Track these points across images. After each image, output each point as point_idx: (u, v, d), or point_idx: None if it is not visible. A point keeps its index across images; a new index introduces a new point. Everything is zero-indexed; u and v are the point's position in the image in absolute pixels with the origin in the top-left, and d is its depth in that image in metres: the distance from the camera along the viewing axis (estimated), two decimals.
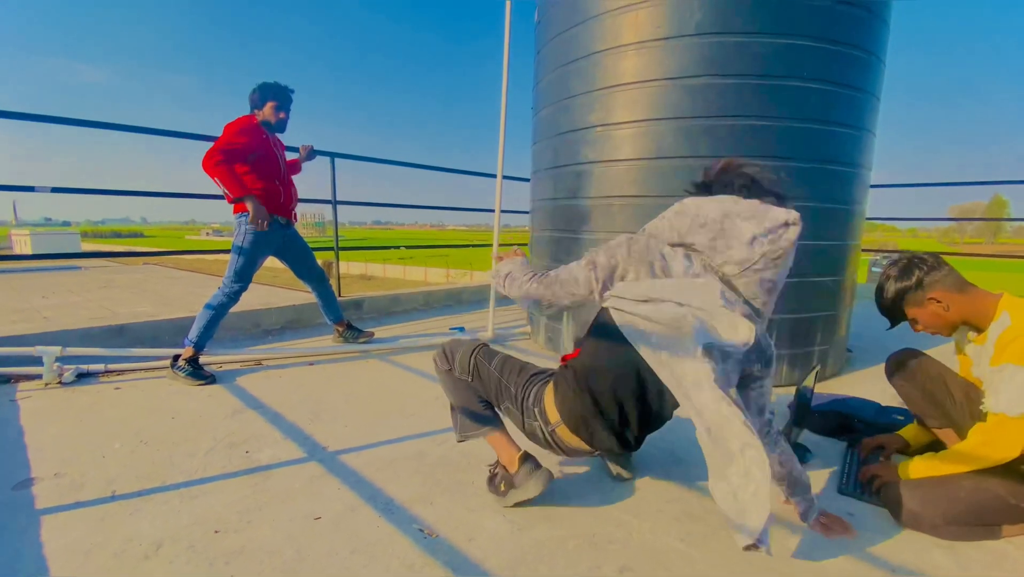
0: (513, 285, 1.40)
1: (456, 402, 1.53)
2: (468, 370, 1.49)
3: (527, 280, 1.37)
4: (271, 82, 2.76)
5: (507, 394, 1.45)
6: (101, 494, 1.51)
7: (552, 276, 1.34)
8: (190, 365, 2.51)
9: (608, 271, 1.28)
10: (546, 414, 1.37)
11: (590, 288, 1.29)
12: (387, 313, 4.35)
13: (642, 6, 2.45)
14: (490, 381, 1.48)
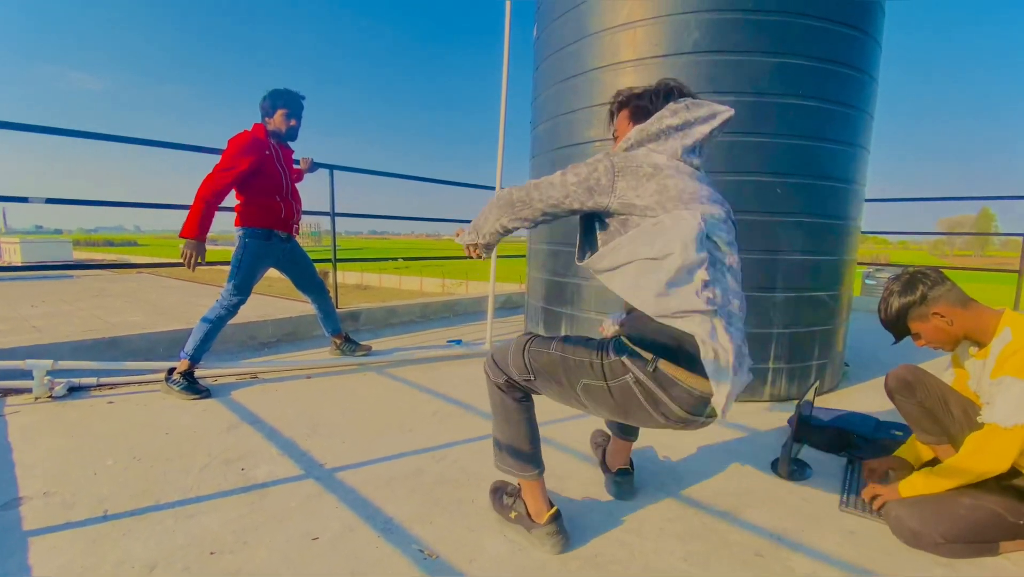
0: (485, 214, 1.37)
1: (503, 437, 1.41)
2: (527, 368, 1.34)
3: (496, 200, 1.34)
4: (281, 89, 2.75)
5: (581, 368, 1.28)
6: (92, 514, 1.48)
7: (528, 183, 1.30)
8: (185, 379, 2.48)
9: (587, 179, 1.23)
10: (640, 355, 1.22)
11: (566, 192, 1.24)
12: (384, 325, 4.33)
13: (640, 24, 2.48)
14: (555, 366, 1.31)
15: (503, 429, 1.41)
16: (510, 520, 1.42)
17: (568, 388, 1.31)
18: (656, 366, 1.19)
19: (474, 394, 2.61)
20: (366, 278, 21.13)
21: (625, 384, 1.23)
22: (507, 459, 1.40)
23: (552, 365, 1.32)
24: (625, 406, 1.25)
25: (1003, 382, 1.33)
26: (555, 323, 3.11)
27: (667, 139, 1.27)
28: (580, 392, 1.30)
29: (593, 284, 2.84)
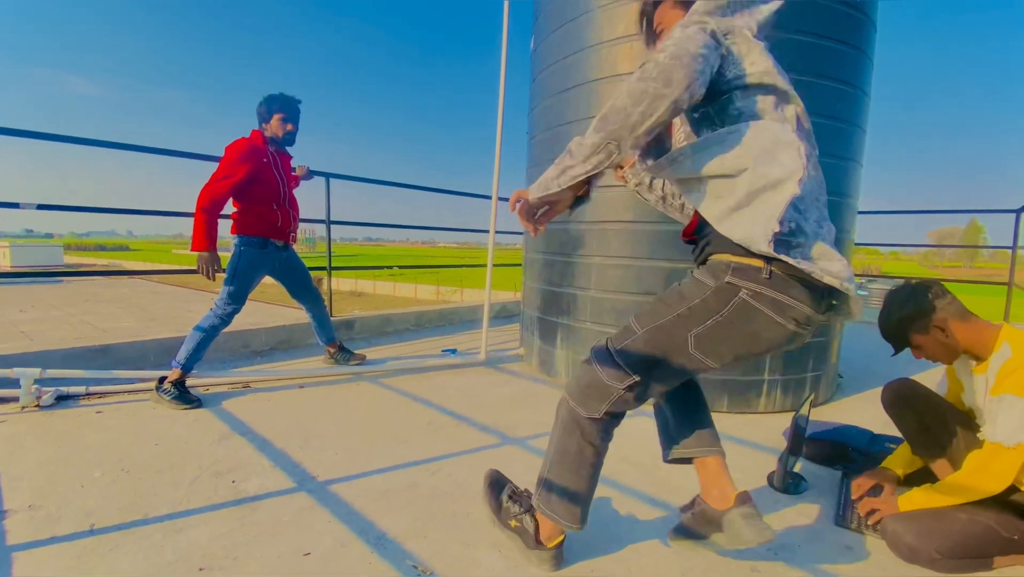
0: (577, 148, 1.02)
1: (562, 482, 1.24)
2: (625, 371, 1.15)
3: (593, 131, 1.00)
4: (277, 94, 2.74)
5: (682, 321, 1.11)
6: (79, 528, 1.45)
7: (641, 74, 0.97)
8: (176, 388, 2.44)
9: (700, 42, 0.99)
10: (746, 266, 1.06)
11: (704, 51, 0.98)
12: (378, 333, 4.31)
13: (638, 37, 2.50)
14: (655, 342, 1.13)
15: (565, 475, 1.24)
16: (508, 527, 1.34)
17: (681, 354, 1.12)
18: (771, 270, 1.03)
19: (468, 405, 2.59)
20: (360, 285, 21.05)
21: (742, 304, 1.06)
22: (557, 505, 1.24)
23: (651, 343, 1.13)
24: (751, 329, 1.08)
25: (1004, 400, 1.33)
26: (550, 333, 3.10)
27: (738, 14, 1.10)
28: (695, 350, 1.11)
29: (589, 294, 2.84)
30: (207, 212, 2.49)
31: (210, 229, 2.51)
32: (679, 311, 1.11)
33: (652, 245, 2.59)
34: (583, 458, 1.24)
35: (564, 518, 1.24)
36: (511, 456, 2.00)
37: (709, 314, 1.09)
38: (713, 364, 1.14)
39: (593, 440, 1.23)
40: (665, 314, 1.13)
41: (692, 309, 1.10)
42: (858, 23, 2.60)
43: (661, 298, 1.18)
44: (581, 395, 1.22)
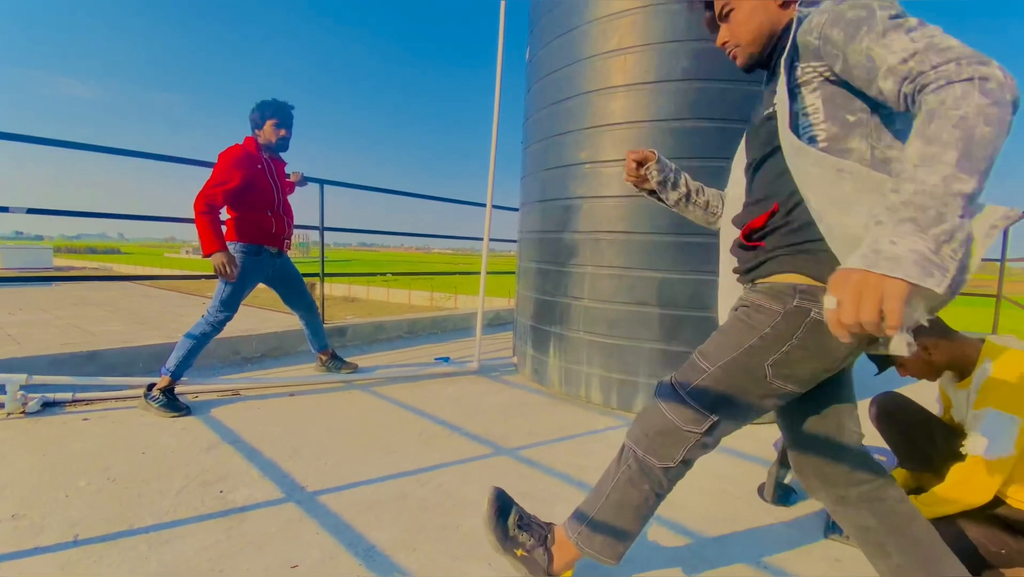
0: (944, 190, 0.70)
1: (610, 521, 1.16)
2: (701, 413, 1.05)
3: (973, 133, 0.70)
4: (270, 100, 2.74)
5: (757, 352, 1.01)
6: (63, 538, 1.43)
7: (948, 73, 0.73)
8: (165, 395, 2.42)
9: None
10: (811, 287, 0.97)
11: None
12: (371, 341, 4.29)
13: (631, 51, 2.53)
14: (732, 376, 1.04)
15: (620, 520, 1.15)
16: (513, 555, 1.23)
17: (761, 386, 1.02)
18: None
19: (461, 414, 2.58)
20: (354, 290, 20.97)
21: (813, 323, 0.96)
22: (600, 544, 1.16)
23: (726, 379, 1.04)
24: (825, 346, 0.98)
25: (986, 414, 1.35)
26: (544, 342, 3.10)
27: None
28: (775, 379, 1.01)
29: (582, 303, 2.84)
30: (207, 215, 2.48)
31: (215, 228, 2.50)
32: (750, 342, 1.02)
33: (645, 256, 2.61)
34: (647, 506, 1.14)
35: (604, 555, 1.17)
36: (504, 467, 1.99)
37: (783, 341, 1.00)
38: (797, 389, 1.03)
39: (662, 489, 1.12)
40: (735, 347, 1.04)
41: (764, 338, 1.01)
42: None
43: (724, 331, 1.08)
44: (653, 443, 1.10)
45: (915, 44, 0.77)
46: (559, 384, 3.02)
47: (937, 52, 0.74)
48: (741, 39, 1.07)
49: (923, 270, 0.68)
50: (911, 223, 0.70)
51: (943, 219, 0.68)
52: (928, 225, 0.69)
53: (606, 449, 2.21)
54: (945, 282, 0.68)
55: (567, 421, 2.56)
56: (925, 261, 0.68)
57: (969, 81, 0.70)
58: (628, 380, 2.70)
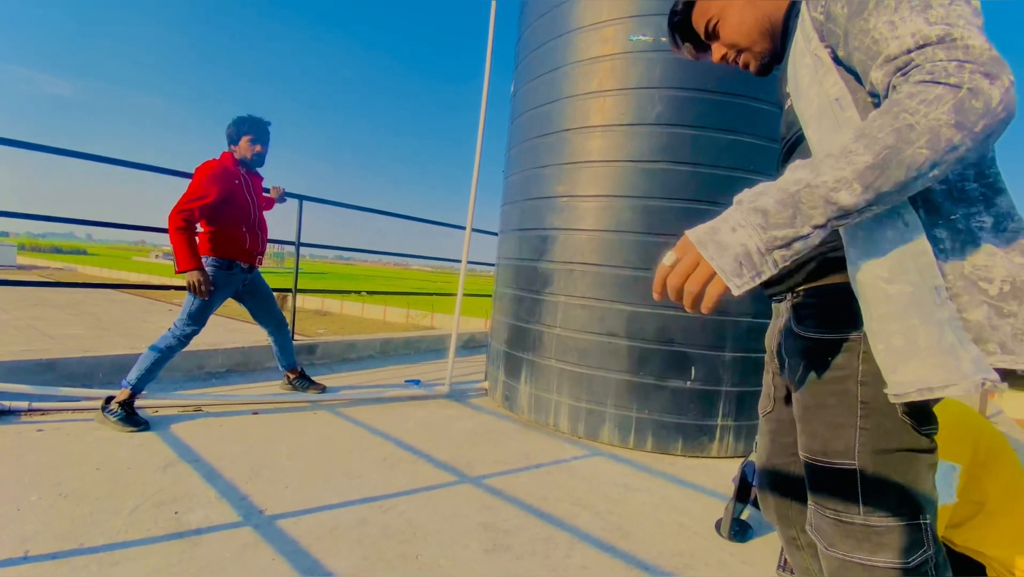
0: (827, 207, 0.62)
1: None
2: (909, 509, 0.76)
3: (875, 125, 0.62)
4: (246, 115, 2.76)
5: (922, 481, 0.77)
6: (13, 553, 1.39)
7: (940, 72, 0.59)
8: (123, 409, 2.36)
9: None
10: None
11: None
12: (341, 359, 4.25)
13: (609, 94, 2.65)
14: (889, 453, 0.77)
15: None
16: None
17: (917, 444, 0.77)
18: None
19: (428, 439, 2.58)
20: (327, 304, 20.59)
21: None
22: None
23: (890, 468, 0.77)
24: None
25: None
26: (515, 368, 3.14)
27: None
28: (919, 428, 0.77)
29: (555, 332, 2.90)
30: (184, 232, 2.47)
31: (191, 246, 2.49)
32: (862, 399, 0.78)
33: (616, 288, 2.68)
34: None
35: None
36: (468, 496, 2.00)
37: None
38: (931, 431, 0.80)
39: None
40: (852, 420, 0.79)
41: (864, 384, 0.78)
42: None
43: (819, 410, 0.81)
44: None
45: (930, 30, 0.61)
46: (529, 411, 3.04)
47: (949, 48, 0.60)
48: (741, 42, 0.93)
49: (737, 268, 0.64)
50: (760, 215, 0.64)
51: (793, 222, 0.63)
52: (774, 225, 0.63)
53: (571, 480, 2.24)
54: (748, 285, 0.64)
55: (534, 449, 2.58)
56: (747, 259, 0.64)
57: (955, 88, 0.58)
58: (596, 410, 2.75)
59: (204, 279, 2.50)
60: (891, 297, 0.68)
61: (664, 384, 2.63)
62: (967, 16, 0.62)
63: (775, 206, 0.63)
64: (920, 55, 0.62)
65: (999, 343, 0.66)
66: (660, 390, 2.64)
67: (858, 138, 0.62)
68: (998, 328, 0.67)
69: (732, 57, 0.97)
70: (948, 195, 0.70)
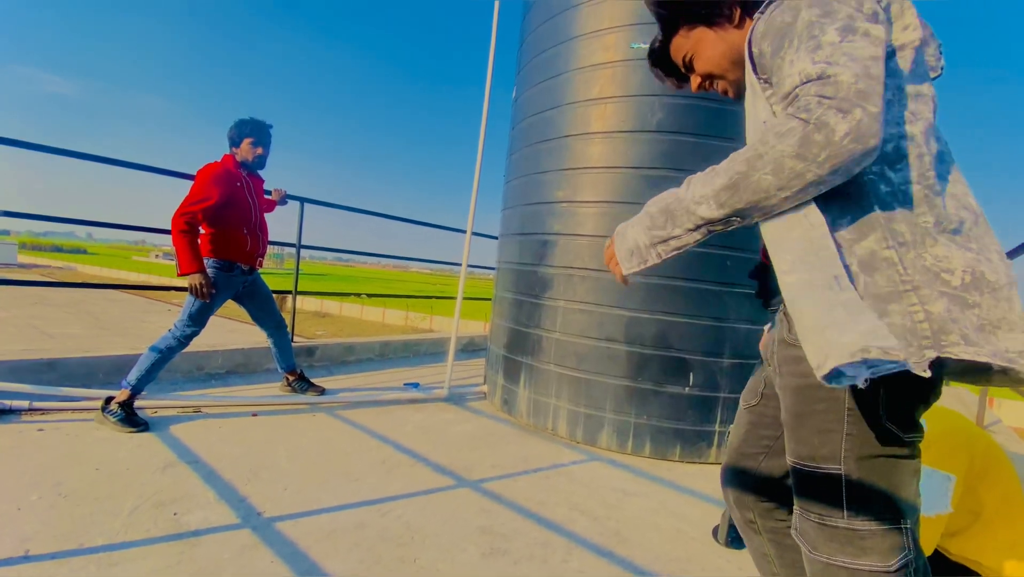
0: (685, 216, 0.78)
1: None
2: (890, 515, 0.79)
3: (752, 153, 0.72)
4: (248, 118, 2.78)
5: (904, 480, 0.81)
6: (13, 553, 1.39)
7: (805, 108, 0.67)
8: (123, 409, 2.37)
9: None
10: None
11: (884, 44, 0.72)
12: (340, 362, 4.26)
13: (610, 101, 2.67)
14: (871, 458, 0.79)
15: None
16: None
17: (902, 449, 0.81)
18: None
19: (426, 442, 2.59)
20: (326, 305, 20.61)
21: None
22: None
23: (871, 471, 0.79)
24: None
25: (922, 472, 1.44)
26: (514, 372, 3.14)
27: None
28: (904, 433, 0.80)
29: (554, 336, 2.91)
30: (187, 234, 2.49)
31: (194, 249, 2.51)
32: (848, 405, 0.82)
33: (615, 294, 2.70)
34: None
35: None
36: (465, 500, 2.01)
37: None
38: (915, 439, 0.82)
39: None
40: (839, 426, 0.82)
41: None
42: None
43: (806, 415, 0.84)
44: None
45: (814, 67, 0.69)
46: (527, 415, 3.05)
47: (821, 83, 0.67)
48: (714, 72, 0.99)
49: (629, 256, 0.86)
50: (648, 218, 0.84)
51: (667, 226, 0.81)
52: (655, 227, 0.82)
53: (569, 484, 2.24)
54: (637, 267, 0.85)
55: (532, 453, 2.59)
56: (636, 249, 0.85)
57: (805, 123, 0.66)
58: (594, 415, 2.76)
59: (206, 282, 2.52)
60: (787, 285, 0.75)
61: (662, 389, 2.64)
62: (855, 52, 0.68)
63: (657, 213, 0.82)
64: (800, 90, 0.70)
65: (961, 335, 0.68)
66: (658, 395, 2.65)
67: (725, 162, 0.75)
68: (959, 320, 0.69)
69: (708, 86, 1.04)
70: (895, 195, 0.75)
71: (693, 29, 0.99)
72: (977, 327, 0.70)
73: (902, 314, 0.70)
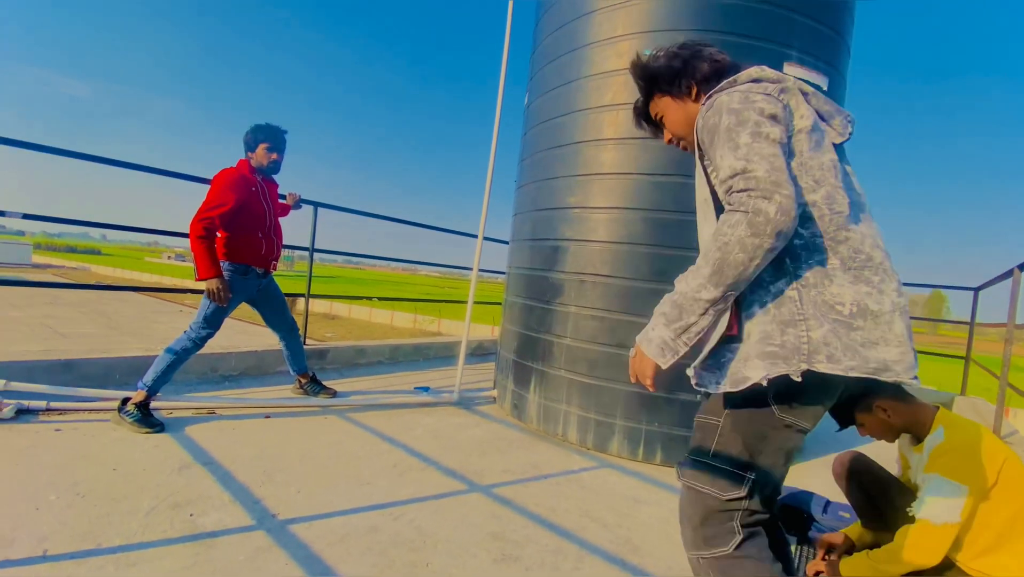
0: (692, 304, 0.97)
1: None
2: (739, 464, 1.06)
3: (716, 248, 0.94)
4: (263, 124, 2.82)
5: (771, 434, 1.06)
6: (32, 553, 1.41)
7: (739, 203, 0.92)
8: (139, 410, 2.40)
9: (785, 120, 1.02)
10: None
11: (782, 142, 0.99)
12: (351, 364, 4.28)
13: (623, 107, 2.67)
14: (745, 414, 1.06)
15: None
16: None
17: (774, 427, 1.06)
18: None
19: (437, 447, 2.60)
20: (335, 308, 20.78)
21: None
22: None
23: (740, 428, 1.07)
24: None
25: (932, 480, 1.42)
26: (525, 377, 3.14)
27: None
28: (783, 414, 1.05)
29: (564, 342, 2.91)
30: (205, 240, 2.52)
31: (211, 254, 2.55)
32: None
33: (626, 300, 2.69)
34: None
35: None
36: (477, 505, 2.01)
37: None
38: (808, 425, 1.08)
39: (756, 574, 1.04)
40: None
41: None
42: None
43: None
44: (705, 537, 1.06)
45: (738, 163, 0.95)
46: (537, 421, 3.05)
47: (745, 179, 0.93)
48: (677, 133, 1.28)
49: (660, 352, 1.01)
50: (663, 317, 1.01)
51: (682, 317, 0.98)
52: (672, 321, 0.99)
53: (580, 491, 2.24)
54: (671, 359, 1.00)
55: (543, 460, 2.59)
56: (664, 345, 1.00)
57: (745, 213, 0.91)
58: (605, 421, 2.75)
59: (223, 286, 2.55)
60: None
61: (674, 397, 2.63)
62: (761, 150, 0.94)
63: (670, 309, 1.00)
64: (731, 181, 0.95)
65: (827, 355, 0.96)
66: (670, 403, 2.64)
67: (703, 256, 0.97)
68: (831, 343, 0.96)
69: (675, 142, 1.31)
70: (805, 248, 1.02)
71: (662, 97, 1.26)
72: (861, 344, 0.97)
73: (795, 336, 0.98)
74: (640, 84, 1.29)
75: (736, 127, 0.98)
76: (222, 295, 2.54)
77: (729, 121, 0.99)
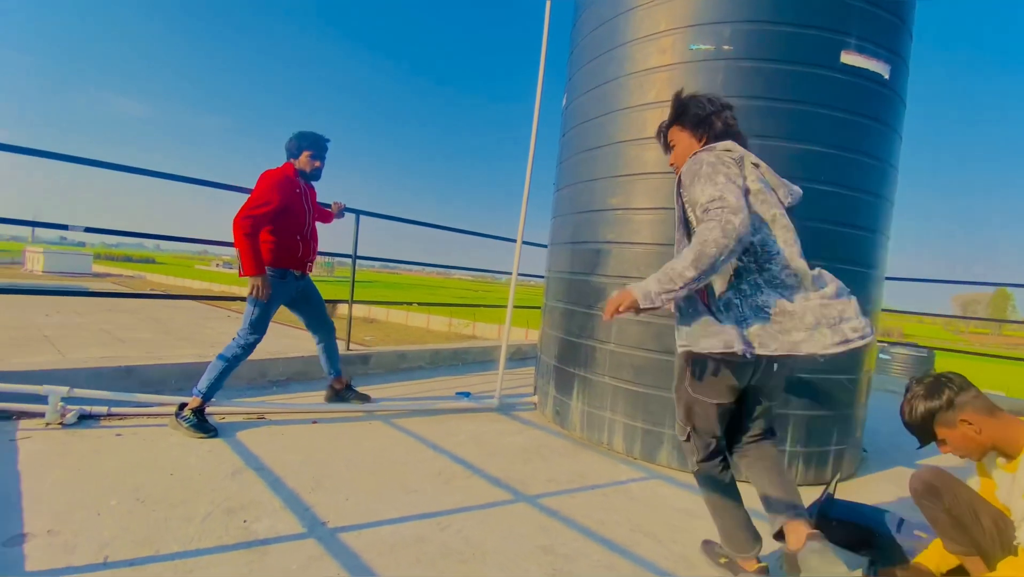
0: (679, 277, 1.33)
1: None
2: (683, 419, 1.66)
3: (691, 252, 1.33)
4: (308, 131, 2.86)
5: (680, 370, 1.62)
6: (93, 559, 1.45)
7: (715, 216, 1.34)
8: (195, 416, 2.47)
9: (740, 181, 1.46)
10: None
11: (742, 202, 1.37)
12: (393, 369, 4.32)
13: (666, 105, 2.57)
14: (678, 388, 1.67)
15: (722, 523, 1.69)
16: (718, 564, 1.71)
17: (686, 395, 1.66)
18: None
19: (480, 454, 2.57)
20: (374, 312, 21.23)
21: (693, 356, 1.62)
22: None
23: (679, 398, 1.68)
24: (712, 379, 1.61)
25: None
26: (567, 384, 3.08)
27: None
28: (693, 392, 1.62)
29: (608, 348, 2.83)
30: (250, 238, 2.57)
31: (256, 253, 2.59)
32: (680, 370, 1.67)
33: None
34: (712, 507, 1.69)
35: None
36: (524, 516, 1.97)
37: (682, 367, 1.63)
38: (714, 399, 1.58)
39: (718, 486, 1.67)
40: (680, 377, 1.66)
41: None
42: (888, 100, 2.65)
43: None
44: (687, 457, 1.74)
45: (716, 192, 1.37)
46: (580, 428, 2.98)
47: (721, 202, 1.35)
48: (676, 162, 1.73)
49: (644, 296, 1.36)
50: (656, 278, 1.36)
51: (668, 283, 1.34)
52: (662, 283, 1.35)
53: (629, 503, 2.16)
54: (648, 306, 1.35)
55: (588, 469, 2.52)
56: (648, 294, 1.35)
57: (717, 222, 1.33)
58: (653, 430, 2.66)
59: (265, 284, 2.61)
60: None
61: None
62: (731, 189, 1.38)
63: (662, 276, 1.36)
64: (709, 204, 1.37)
65: (760, 343, 1.42)
66: None
67: (690, 247, 1.35)
68: (761, 336, 1.43)
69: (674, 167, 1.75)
70: (745, 268, 1.48)
71: (683, 131, 1.70)
72: (780, 332, 1.42)
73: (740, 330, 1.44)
74: (673, 111, 1.71)
75: (713, 174, 1.43)
76: (265, 292, 2.60)
77: (708, 170, 1.44)
